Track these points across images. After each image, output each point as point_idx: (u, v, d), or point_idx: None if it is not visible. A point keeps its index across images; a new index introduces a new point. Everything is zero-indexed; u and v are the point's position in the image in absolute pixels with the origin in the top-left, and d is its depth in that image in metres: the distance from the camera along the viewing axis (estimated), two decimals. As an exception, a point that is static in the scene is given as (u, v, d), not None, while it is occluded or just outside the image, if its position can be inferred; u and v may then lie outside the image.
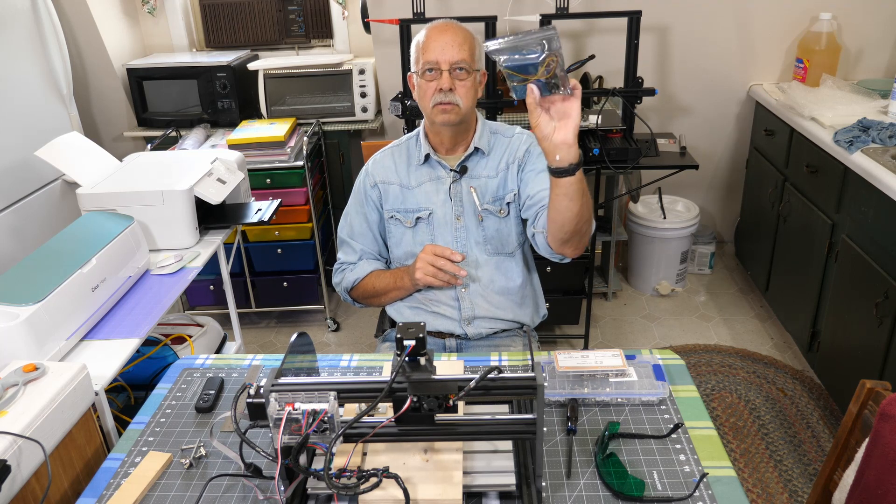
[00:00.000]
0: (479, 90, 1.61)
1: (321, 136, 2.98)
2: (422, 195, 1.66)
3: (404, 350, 0.93)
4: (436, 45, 1.53)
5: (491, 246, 1.66)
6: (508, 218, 1.65)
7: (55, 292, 1.39)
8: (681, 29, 2.91)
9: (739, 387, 2.49)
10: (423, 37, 1.58)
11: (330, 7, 3.09)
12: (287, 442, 0.93)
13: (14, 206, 2.25)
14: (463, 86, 1.54)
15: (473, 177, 1.65)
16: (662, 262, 3.10)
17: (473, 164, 1.65)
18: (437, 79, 1.53)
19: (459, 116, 1.57)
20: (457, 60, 1.52)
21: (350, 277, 1.71)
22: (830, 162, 2.21)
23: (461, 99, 1.54)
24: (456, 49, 1.52)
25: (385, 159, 1.71)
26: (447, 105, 1.54)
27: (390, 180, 1.69)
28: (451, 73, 1.53)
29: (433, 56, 1.53)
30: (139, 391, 1.79)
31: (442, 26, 1.57)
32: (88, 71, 2.97)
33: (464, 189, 1.65)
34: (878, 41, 2.87)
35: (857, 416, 1.16)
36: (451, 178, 1.65)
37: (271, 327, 3.07)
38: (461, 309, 1.65)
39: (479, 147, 1.64)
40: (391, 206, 1.69)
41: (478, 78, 1.59)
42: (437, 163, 1.66)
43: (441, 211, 1.66)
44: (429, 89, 1.55)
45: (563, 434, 1.13)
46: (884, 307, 1.88)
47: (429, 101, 1.56)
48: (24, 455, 1.07)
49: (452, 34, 1.54)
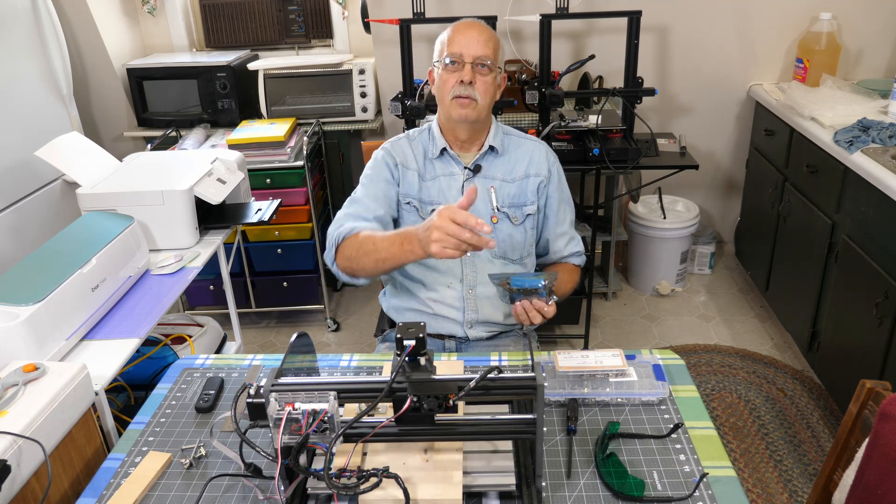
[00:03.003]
0: (497, 92, 1.61)
1: (321, 136, 2.98)
2: (435, 189, 1.65)
3: (404, 350, 0.93)
4: (461, 39, 1.54)
5: (498, 249, 1.64)
6: (522, 227, 1.64)
7: (55, 292, 1.39)
8: (681, 29, 2.91)
9: (739, 387, 2.49)
10: (449, 31, 1.59)
11: (330, 7, 3.09)
12: (287, 442, 0.93)
13: (14, 206, 2.25)
14: (483, 81, 1.54)
15: (487, 177, 1.64)
16: (662, 262, 3.10)
17: (488, 163, 1.65)
18: (459, 71, 1.54)
19: (476, 112, 1.56)
20: (480, 55, 1.53)
21: (348, 226, 1.53)
22: (830, 162, 2.21)
23: (480, 95, 1.54)
24: (481, 45, 1.54)
25: (402, 145, 1.69)
26: (466, 99, 1.54)
27: (409, 165, 1.66)
28: (473, 67, 1.53)
29: (457, 48, 1.54)
30: (139, 391, 1.79)
31: (469, 22, 1.59)
32: (88, 71, 2.97)
33: (477, 187, 1.58)
34: (878, 41, 2.87)
35: (857, 416, 1.16)
36: (464, 175, 1.64)
37: (271, 327, 3.07)
38: (465, 311, 1.64)
39: (494, 146, 1.64)
40: (407, 192, 1.65)
41: (498, 79, 1.59)
42: (451, 159, 1.65)
43: None
44: (449, 80, 1.55)
45: (563, 434, 1.13)
46: (884, 307, 1.88)
47: (448, 94, 1.55)
48: (24, 455, 1.07)
49: (479, 31, 1.56)
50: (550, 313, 1.45)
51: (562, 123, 2.50)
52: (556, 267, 1.72)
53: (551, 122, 2.51)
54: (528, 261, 1.70)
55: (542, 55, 2.46)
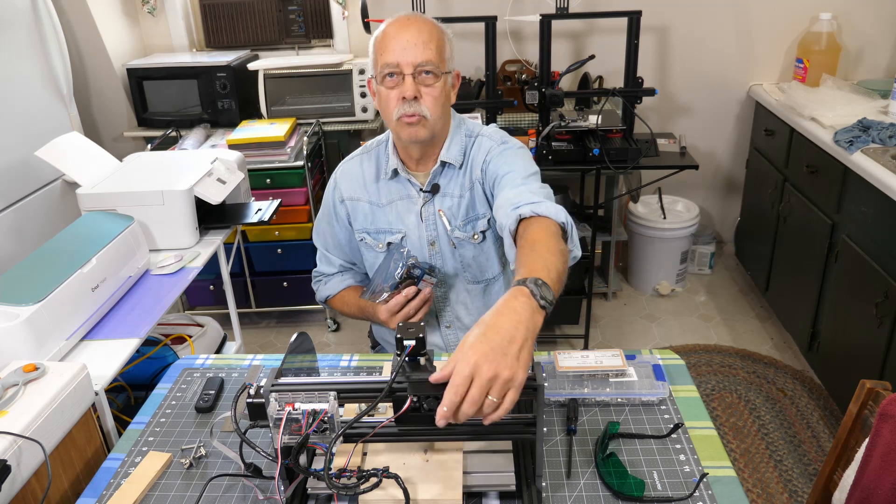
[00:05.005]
0: (451, 95, 1.38)
1: (321, 136, 2.98)
2: (393, 214, 1.47)
3: (404, 350, 0.93)
4: (396, 45, 1.28)
5: (469, 273, 1.48)
6: (485, 243, 1.45)
7: (55, 292, 1.39)
8: (681, 29, 2.91)
9: (739, 387, 2.49)
10: (380, 34, 1.32)
11: (330, 7, 3.09)
12: (287, 442, 0.93)
13: (14, 206, 2.25)
14: (430, 93, 1.30)
15: (447, 195, 1.43)
16: (662, 262, 3.10)
17: (445, 180, 1.44)
18: (399, 85, 1.30)
19: (428, 130, 1.33)
20: (421, 62, 1.28)
21: (323, 292, 1.61)
22: (830, 162, 2.21)
23: (428, 109, 1.31)
24: (420, 48, 1.28)
25: (353, 169, 1.51)
26: (412, 117, 1.31)
27: (358, 196, 1.48)
28: (415, 78, 1.29)
29: (393, 57, 1.28)
30: (139, 391, 1.79)
31: (403, 21, 1.31)
32: (88, 71, 2.97)
33: (437, 210, 1.45)
34: (878, 41, 2.87)
35: (857, 416, 1.16)
36: (422, 199, 1.44)
37: (271, 327, 3.07)
38: (446, 346, 1.56)
39: (448, 161, 1.41)
40: (360, 226, 1.50)
41: (450, 81, 1.36)
42: (407, 180, 1.45)
43: (414, 234, 1.46)
44: (391, 98, 1.31)
45: (563, 434, 1.13)
46: (884, 307, 1.88)
47: (392, 113, 1.32)
48: (24, 455, 1.07)
49: (416, 30, 1.29)
50: (424, 296, 1.35)
51: (562, 123, 2.51)
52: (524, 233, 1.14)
53: (551, 122, 2.51)
54: (507, 273, 1.51)
55: (542, 55, 2.47)
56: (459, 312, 1.53)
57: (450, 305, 1.52)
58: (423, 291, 1.36)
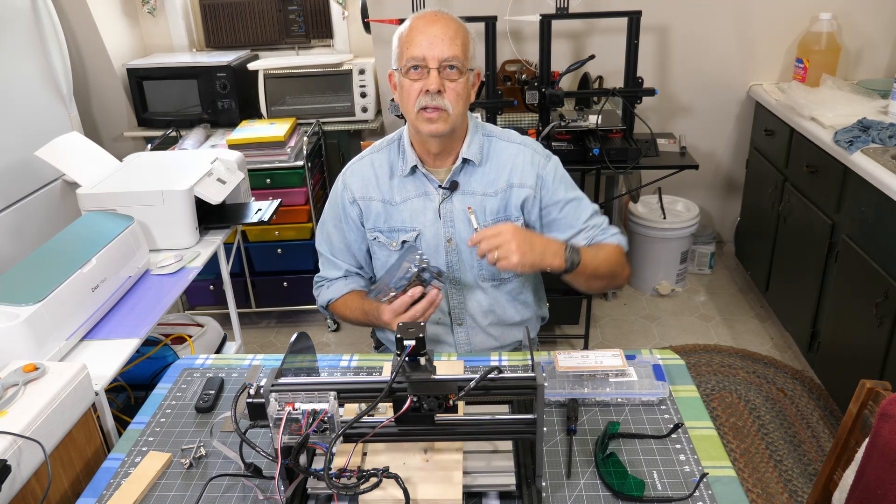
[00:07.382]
0: (472, 93, 1.40)
1: (321, 136, 2.98)
2: (408, 213, 1.47)
3: (404, 350, 0.93)
4: (423, 39, 1.31)
5: (486, 271, 1.49)
6: None
7: (55, 292, 1.39)
8: (681, 29, 2.91)
9: (739, 387, 2.49)
10: (406, 28, 1.36)
11: (330, 7, 3.09)
12: (287, 442, 0.93)
13: (14, 206, 2.25)
14: (453, 88, 1.33)
15: (467, 192, 1.45)
16: (662, 262, 3.10)
17: (466, 177, 1.45)
18: (424, 78, 1.32)
19: (449, 125, 1.35)
20: (447, 57, 1.31)
21: (326, 295, 1.56)
22: (830, 162, 2.21)
23: (451, 104, 1.33)
24: (447, 44, 1.31)
25: (364, 169, 1.50)
26: (434, 111, 1.33)
27: (371, 195, 1.48)
28: (439, 73, 1.32)
29: (419, 51, 1.31)
30: (139, 391, 1.79)
31: (430, 16, 1.34)
32: (88, 71, 2.97)
33: (455, 207, 1.46)
34: (878, 41, 2.87)
35: (857, 416, 1.16)
36: (440, 195, 1.45)
37: (271, 327, 3.07)
38: (456, 345, 1.56)
39: (469, 158, 1.43)
40: (373, 226, 1.49)
41: (471, 79, 1.39)
42: (424, 176, 1.46)
43: (430, 232, 1.46)
44: (413, 91, 1.33)
45: (563, 434, 1.13)
46: (884, 307, 1.88)
47: (413, 105, 1.34)
48: (24, 455, 1.07)
49: (443, 26, 1.32)
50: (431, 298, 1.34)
51: (562, 123, 2.50)
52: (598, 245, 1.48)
53: (551, 122, 2.51)
54: (525, 278, 1.55)
55: (542, 55, 2.47)
56: (473, 310, 1.53)
57: (463, 303, 1.53)
58: (429, 294, 1.36)
